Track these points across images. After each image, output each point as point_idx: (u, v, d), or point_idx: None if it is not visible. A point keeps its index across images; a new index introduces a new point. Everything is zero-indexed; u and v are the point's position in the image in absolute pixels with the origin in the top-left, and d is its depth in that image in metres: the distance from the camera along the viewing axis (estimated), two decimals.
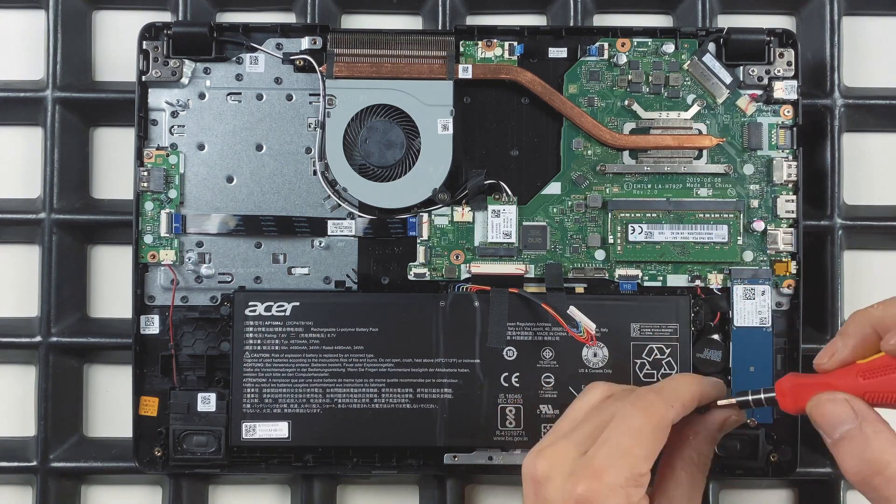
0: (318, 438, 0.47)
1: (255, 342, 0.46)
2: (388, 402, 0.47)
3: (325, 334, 0.46)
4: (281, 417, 0.46)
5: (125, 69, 0.52)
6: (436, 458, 0.48)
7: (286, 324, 0.46)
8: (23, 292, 0.52)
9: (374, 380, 0.46)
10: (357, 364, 0.46)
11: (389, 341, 0.47)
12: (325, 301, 0.47)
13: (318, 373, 0.46)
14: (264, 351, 0.46)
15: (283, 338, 0.46)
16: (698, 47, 0.49)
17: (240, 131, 0.48)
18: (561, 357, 0.47)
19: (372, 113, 0.48)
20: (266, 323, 0.46)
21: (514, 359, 0.47)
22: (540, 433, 0.46)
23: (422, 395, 0.47)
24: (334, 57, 0.47)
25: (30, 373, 0.51)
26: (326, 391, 0.46)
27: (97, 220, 0.51)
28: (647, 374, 0.46)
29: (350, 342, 0.46)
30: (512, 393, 0.47)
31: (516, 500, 0.52)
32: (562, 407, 0.46)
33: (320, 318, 0.46)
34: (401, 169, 0.48)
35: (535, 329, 0.47)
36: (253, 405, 0.46)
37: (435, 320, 0.47)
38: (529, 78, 0.48)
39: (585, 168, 0.48)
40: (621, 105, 0.49)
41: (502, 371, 0.47)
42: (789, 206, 0.48)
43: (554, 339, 0.47)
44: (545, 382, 0.47)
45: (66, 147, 0.51)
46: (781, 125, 0.49)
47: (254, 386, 0.46)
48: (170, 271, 0.48)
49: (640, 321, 0.47)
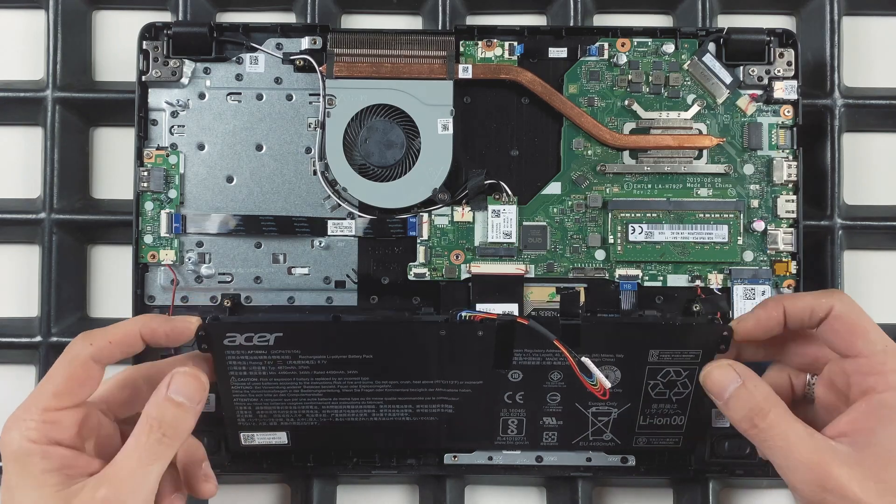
0: (320, 444, 0.46)
1: (239, 368, 0.42)
2: (388, 415, 0.45)
3: (315, 361, 0.42)
4: (278, 429, 0.45)
5: (125, 69, 0.52)
6: (435, 458, 0.48)
7: (271, 353, 0.42)
8: (23, 292, 0.52)
9: (370, 399, 0.44)
10: (352, 385, 0.43)
11: (385, 367, 0.43)
12: (312, 332, 0.42)
13: (311, 394, 0.43)
14: (251, 376, 0.42)
15: (269, 364, 0.42)
16: (698, 47, 0.49)
17: (240, 131, 0.48)
18: (570, 379, 0.43)
19: (372, 113, 0.48)
20: (249, 352, 0.41)
21: (520, 380, 0.44)
22: (541, 440, 0.46)
23: (421, 410, 0.45)
24: (334, 57, 0.47)
25: (30, 373, 0.51)
26: (322, 408, 0.44)
27: (97, 219, 0.51)
28: (659, 394, 0.44)
29: (342, 367, 0.43)
30: (515, 408, 0.45)
31: (516, 500, 0.52)
32: (566, 419, 0.45)
33: (307, 347, 0.42)
34: (401, 169, 0.48)
35: (544, 355, 0.43)
36: (248, 419, 0.44)
37: (435, 347, 0.43)
38: (529, 78, 0.48)
39: (585, 168, 0.48)
40: (621, 105, 0.49)
41: (506, 391, 0.44)
42: (789, 206, 0.48)
43: (564, 364, 0.43)
44: (550, 399, 0.45)
45: (66, 147, 0.51)
46: (781, 125, 0.49)
47: (246, 405, 0.44)
48: (170, 271, 0.48)
49: (662, 348, 0.42)
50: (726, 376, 0.38)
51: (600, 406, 0.45)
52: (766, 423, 0.37)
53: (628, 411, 0.45)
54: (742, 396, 0.38)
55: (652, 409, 0.44)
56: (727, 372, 0.38)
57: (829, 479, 0.35)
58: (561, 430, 0.46)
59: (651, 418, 0.45)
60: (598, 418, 0.45)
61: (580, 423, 0.45)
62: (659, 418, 0.45)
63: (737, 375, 0.38)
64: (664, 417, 0.45)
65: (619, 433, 0.46)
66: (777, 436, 0.36)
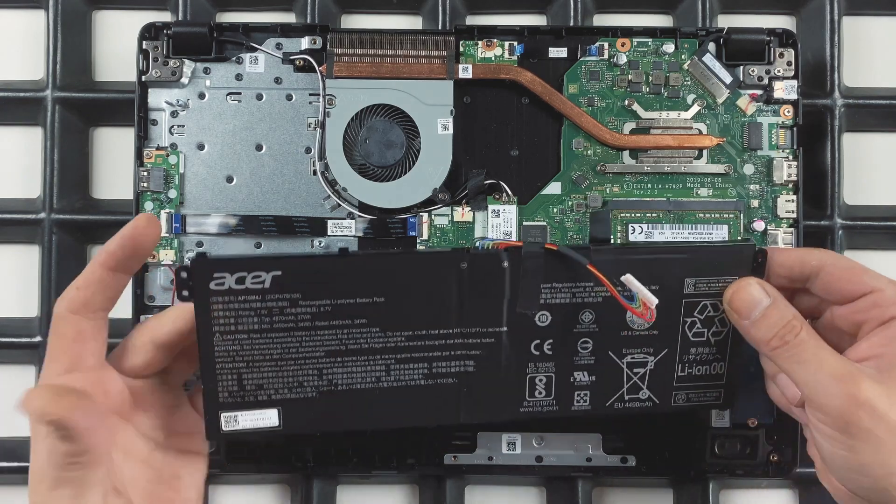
0: (316, 425, 0.40)
1: (225, 322, 0.37)
2: (399, 379, 0.39)
3: (318, 308, 0.37)
4: (268, 405, 0.38)
5: (125, 69, 0.52)
6: (435, 459, 0.48)
7: (265, 298, 0.36)
8: (23, 292, 0.52)
9: (380, 357, 0.38)
10: (360, 340, 0.38)
11: (399, 312, 0.38)
12: (316, 268, 0.37)
13: (310, 353, 0.38)
14: (239, 331, 0.37)
15: (264, 315, 0.37)
16: (698, 47, 0.49)
17: (240, 131, 0.48)
18: (602, 319, 0.40)
19: (372, 113, 0.47)
20: (239, 298, 0.36)
21: (548, 324, 0.40)
22: (573, 402, 0.42)
23: (438, 370, 0.39)
24: (334, 57, 0.47)
25: (29, 373, 0.51)
26: (323, 372, 0.38)
27: (97, 220, 0.51)
28: (697, 334, 0.41)
29: (349, 315, 0.37)
30: (543, 361, 0.40)
31: (516, 500, 0.52)
32: (600, 373, 0.41)
33: (310, 290, 0.37)
34: (401, 169, 0.48)
35: (574, 290, 0.39)
36: (231, 393, 0.38)
37: (454, 285, 0.38)
38: (529, 78, 0.48)
39: (585, 168, 0.48)
40: (621, 105, 0.49)
41: (533, 338, 0.40)
42: (789, 206, 0.48)
43: (596, 301, 0.40)
44: (582, 348, 0.41)
45: (66, 147, 0.51)
46: (781, 125, 0.49)
47: (230, 372, 0.37)
48: (170, 271, 0.48)
49: (696, 275, 0.40)
50: (757, 293, 0.38)
51: (635, 354, 0.41)
52: (798, 339, 0.37)
53: (666, 359, 0.42)
54: (774, 314, 0.38)
55: (691, 355, 0.42)
56: (757, 289, 0.38)
57: (860, 393, 0.35)
58: (594, 389, 0.42)
59: (690, 367, 0.42)
60: (634, 370, 0.42)
61: (615, 378, 0.42)
62: (698, 366, 0.42)
63: (765, 293, 0.38)
64: (704, 366, 0.42)
65: (657, 389, 0.42)
66: (808, 349, 0.36)
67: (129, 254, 0.37)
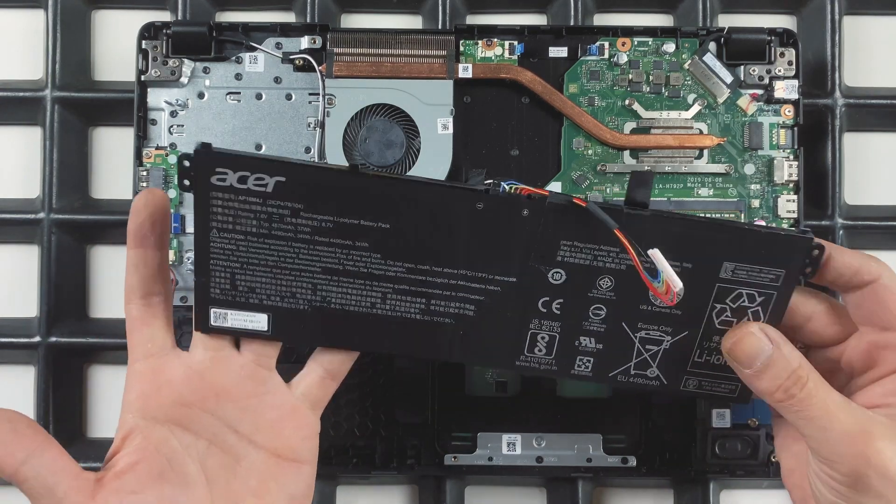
0: (304, 338, 0.38)
1: (224, 219, 0.35)
2: (394, 309, 0.37)
3: (320, 223, 0.35)
4: (259, 308, 0.37)
5: (124, 69, 0.52)
6: (435, 459, 0.48)
7: (266, 203, 0.34)
8: (22, 292, 0.52)
9: (378, 283, 0.36)
10: (359, 263, 0.36)
11: (403, 242, 0.36)
12: (323, 181, 0.34)
13: (307, 266, 0.36)
14: (237, 231, 0.35)
15: (263, 219, 0.35)
16: (699, 47, 0.48)
17: (239, 131, 0.48)
18: (621, 288, 0.37)
19: (372, 112, 0.47)
20: (240, 198, 0.34)
21: (561, 283, 0.37)
22: (573, 366, 0.39)
23: (436, 308, 0.37)
24: (334, 56, 0.47)
25: (29, 373, 0.51)
26: (317, 288, 0.36)
27: (97, 220, 0.51)
28: (724, 322, 0.38)
29: (351, 236, 0.35)
30: (549, 320, 0.38)
31: (516, 500, 0.52)
32: (608, 342, 0.38)
33: (314, 202, 0.35)
34: (401, 169, 0.48)
35: (596, 252, 0.36)
36: (223, 291, 0.37)
37: (467, 224, 0.36)
38: (530, 77, 0.48)
39: (586, 168, 0.48)
40: (622, 105, 0.48)
41: (543, 295, 0.37)
42: (790, 205, 0.48)
43: (618, 268, 0.37)
44: (594, 314, 0.38)
45: (66, 147, 0.51)
46: (782, 125, 0.48)
47: (224, 270, 0.36)
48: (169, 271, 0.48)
49: (739, 260, 0.36)
50: (759, 342, 0.35)
51: (651, 331, 0.38)
52: (805, 393, 0.34)
53: (683, 342, 0.38)
54: (778, 364, 0.34)
55: (712, 341, 0.38)
56: (759, 338, 0.35)
57: (872, 453, 0.32)
58: (599, 357, 0.39)
59: (709, 354, 0.39)
60: (647, 347, 0.39)
61: (624, 351, 0.39)
62: (717, 355, 0.39)
63: (768, 340, 0.35)
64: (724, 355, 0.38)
65: (668, 370, 0.39)
66: (816, 405, 0.34)
67: (148, 227, 0.36)
